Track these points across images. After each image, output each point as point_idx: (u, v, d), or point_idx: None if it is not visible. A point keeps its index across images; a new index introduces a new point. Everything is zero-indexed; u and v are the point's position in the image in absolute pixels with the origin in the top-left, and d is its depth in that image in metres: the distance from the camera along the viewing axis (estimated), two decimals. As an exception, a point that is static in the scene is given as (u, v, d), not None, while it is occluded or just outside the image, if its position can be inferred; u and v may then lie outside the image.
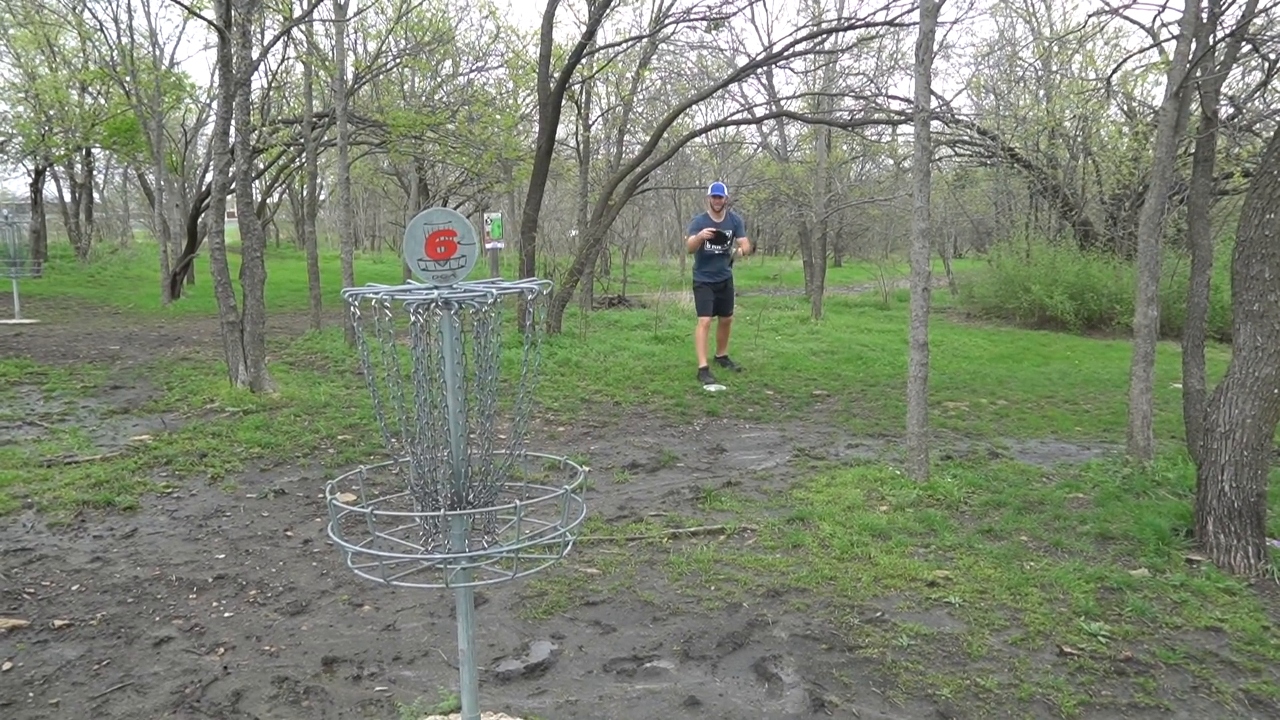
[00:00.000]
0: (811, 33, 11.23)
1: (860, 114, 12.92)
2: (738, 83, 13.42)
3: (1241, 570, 4.15)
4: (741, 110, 16.06)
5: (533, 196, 11.28)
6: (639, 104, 16.48)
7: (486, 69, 16.28)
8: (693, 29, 13.04)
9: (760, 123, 16.71)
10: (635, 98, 15.66)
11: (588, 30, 10.74)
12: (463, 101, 15.66)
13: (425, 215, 2.22)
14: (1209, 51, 5.38)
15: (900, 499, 5.14)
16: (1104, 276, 14.88)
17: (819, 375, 9.64)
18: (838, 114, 14.62)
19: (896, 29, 11.17)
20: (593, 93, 15.86)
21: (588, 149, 15.85)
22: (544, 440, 6.69)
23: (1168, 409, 7.62)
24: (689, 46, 15.18)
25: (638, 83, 15.00)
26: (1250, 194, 4.29)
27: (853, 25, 10.48)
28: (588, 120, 15.50)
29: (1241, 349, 4.29)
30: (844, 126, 13.12)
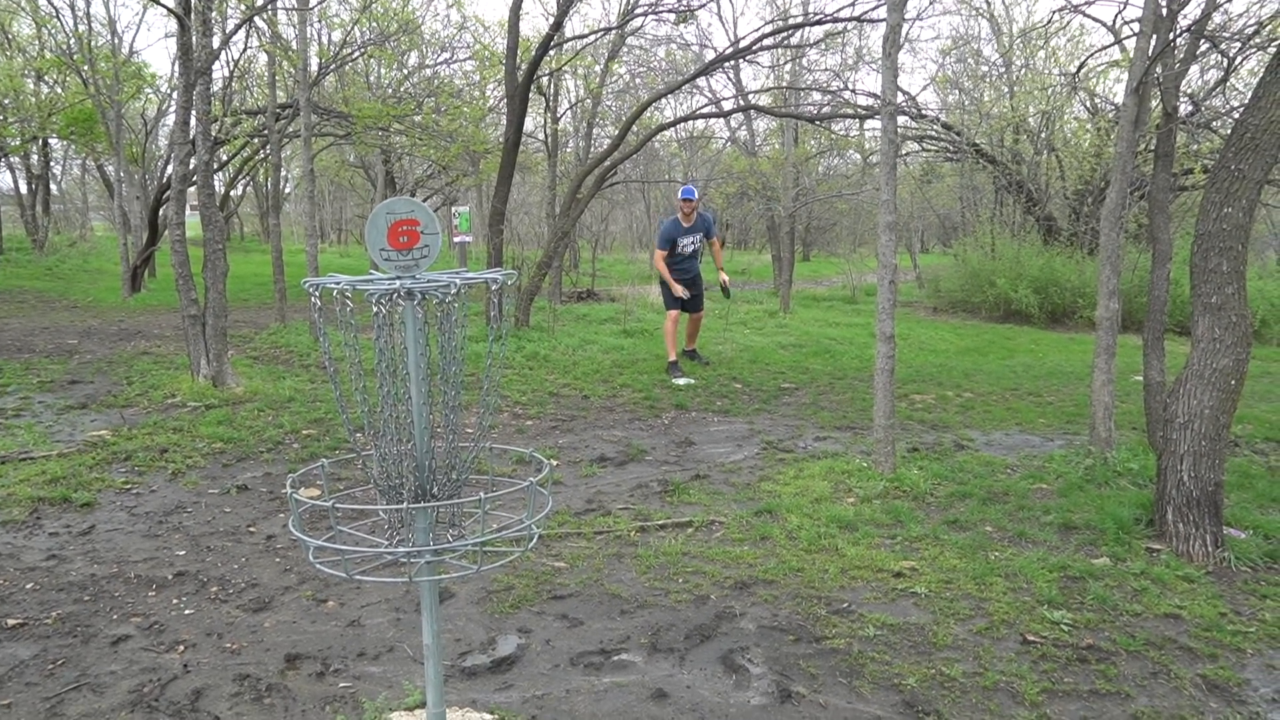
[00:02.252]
0: (778, 28, 11.25)
1: (827, 108, 12.98)
2: (706, 77, 13.41)
3: (1200, 558, 4.22)
4: (710, 104, 16.06)
5: (500, 190, 11.21)
6: (607, 97, 16.42)
7: (453, 60, 16.13)
8: (661, 22, 13.02)
9: (728, 117, 16.75)
10: (604, 91, 15.61)
11: (555, 22, 10.67)
12: (429, 93, 15.52)
13: (388, 204, 2.18)
14: (1168, 47, 5.45)
15: (867, 491, 5.17)
16: (1067, 271, 15.08)
17: (787, 369, 9.67)
18: (805, 108, 14.67)
19: (861, 25, 11.22)
20: (561, 86, 15.79)
21: (556, 142, 15.78)
22: (512, 434, 6.66)
23: (1129, 400, 7.73)
24: (657, 40, 15.16)
25: (606, 76, 14.94)
26: (1208, 189, 4.36)
27: (820, 20, 10.51)
28: (556, 113, 15.42)
29: (1200, 341, 4.35)
30: (811, 121, 13.18)
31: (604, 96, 15.95)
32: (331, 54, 13.40)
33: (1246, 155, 4.16)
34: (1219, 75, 9.99)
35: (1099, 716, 2.92)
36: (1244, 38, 6.90)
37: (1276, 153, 4.25)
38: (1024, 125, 17.48)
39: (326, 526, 4.48)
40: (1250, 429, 7.08)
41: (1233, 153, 4.22)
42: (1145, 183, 9.77)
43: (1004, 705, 2.97)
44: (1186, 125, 8.90)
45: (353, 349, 2.17)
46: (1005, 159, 17.97)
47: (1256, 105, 4.16)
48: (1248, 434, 6.93)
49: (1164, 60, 5.52)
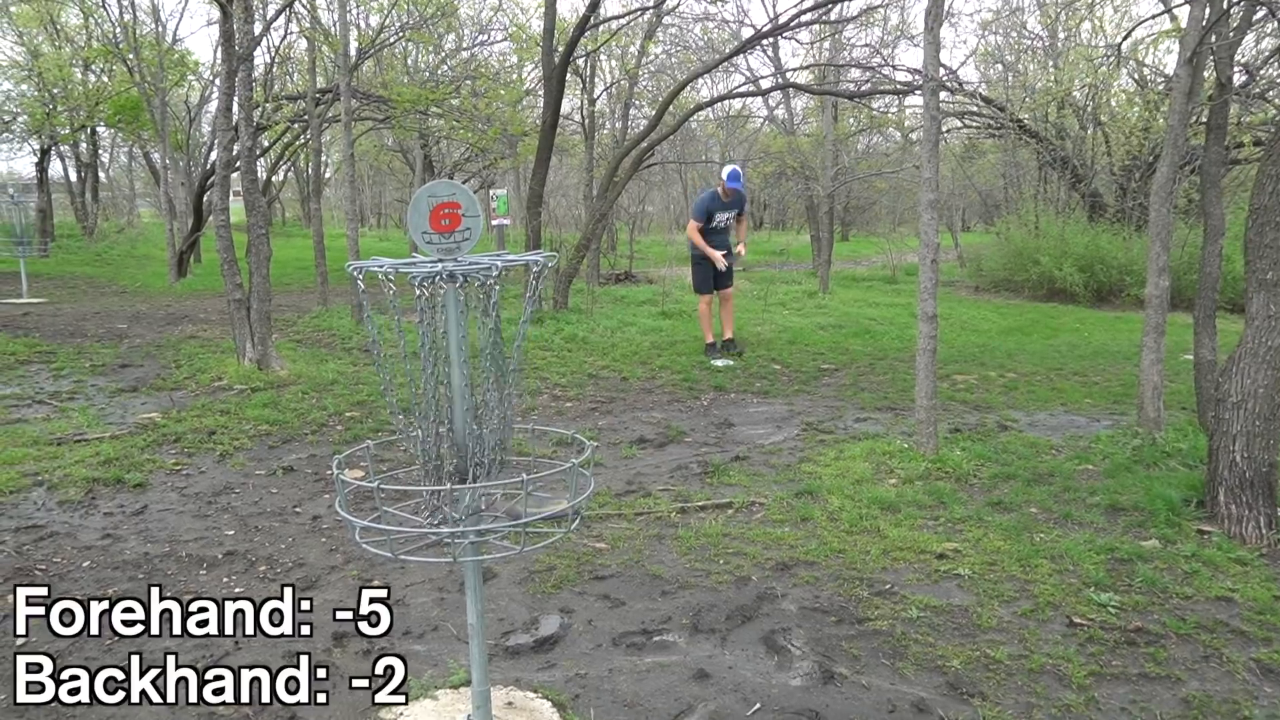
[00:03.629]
0: (817, 3, 11.09)
1: (867, 85, 12.80)
2: (743, 55, 13.28)
3: (1253, 540, 4.14)
4: (747, 83, 15.90)
5: (538, 172, 11.21)
6: (644, 78, 16.35)
7: (490, 43, 16.16)
8: (698, 1, 12.90)
9: (766, 95, 16.58)
10: (640, 71, 15.53)
11: (592, 3, 10.62)
12: (466, 76, 15.55)
13: (429, 188, 2.20)
14: (1223, 16, 5.29)
15: (909, 472, 5.13)
16: (1113, 248, 14.77)
17: (826, 349, 9.61)
18: (844, 85, 14.48)
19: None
20: (597, 67, 15.73)
21: (593, 124, 15.74)
22: (552, 415, 6.69)
23: (1178, 380, 7.58)
24: (694, 18, 15.06)
25: (642, 56, 14.87)
26: (1264, 161, 4.23)
27: (860, -5, 10.34)
28: (592, 95, 15.38)
29: (1254, 318, 4.24)
30: (851, 98, 13.01)
31: (640, 77, 15.87)
32: (370, 38, 13.48)
33: (1304, 126, 4.03)
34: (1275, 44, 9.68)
35: (1148, 700, 2.88)
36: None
37: (1336, 123, 4.11)
38: (1069, 99, 17.10)
39: (371, 507, 4.54)
40: (1305, 409, 6.90)
41: (1290, 124, 4.09)
42: (1196, 156, 9.52)
43: (1050, 688, 2.94)
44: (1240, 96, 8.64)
45: (396, 330, 2.18)
46: (1049, 134, 17.61)
47: (1315, 74, 4.02)
48: (1303, 414, 6.75)
49: (1218, 29, 5.36)
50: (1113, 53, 12.48)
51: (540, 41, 11.71)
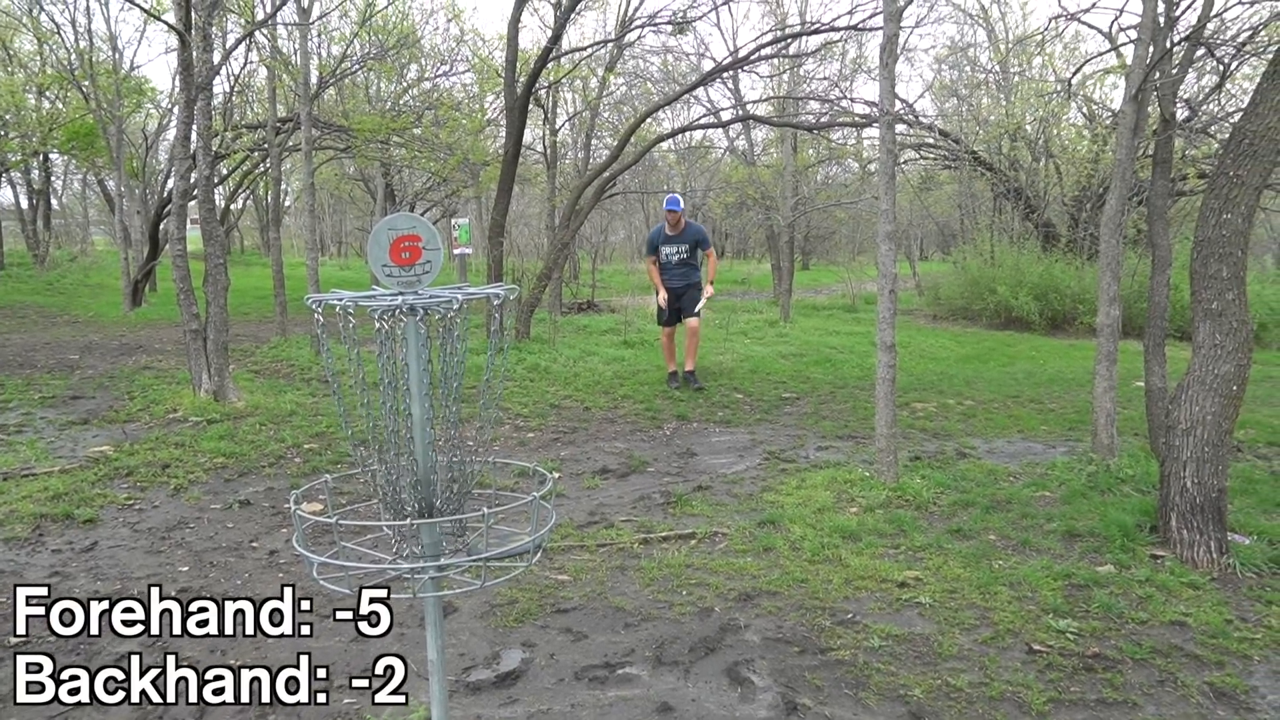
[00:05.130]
0: (776, 37, 11.28)
1: (825, 117, 13.01)
2: (704, 87, 13.45)
3: (1204, 565, 4.21)
4: (708, 114, 16.10)
5: (500, 202, 11.23)
6: (605, 108, 16.47)
7: (452, 73, 16.19)
8: (658, 33, 13.06)
9: (727, 127, 16.78)
10: (601, 102, 15.65)
11: (553, 35, 10.72)
12: (428, 105, 15.56)
13: (389, 220, 2.19)
14: (1166, 55, 5.47)
15: (870, 500, 5.16)
16: (1067, 277, 15.09)
17: (788, 378, 9.67)
18: (803, 117, 14.71)
19: (858, 33, 11.26)
20: (559, 97, 15.83)
21: (555, 154, 15.81)
22: (514, 446, 6.65)
23: (1130, 407, 7.73)
24: (654, 51, 15.22)
25: (603, 88, 14.99)
26: (1208, 195, 4.37)
27: (817, 30, 10.55)
28: (554, 125, 15.46)
29: (1201, 346, 4.35)
30: (810, 130, 13.21)
31: (602, 108, 16.00)
32: (331, 68, 13.45)
33: (1245, 161, 4.17)
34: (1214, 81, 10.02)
35: (1106, 726, 2.91)
36: (1238, 44, 6.92)
37: (1274, 159, 4.26)
38: (1021, 132, 17.52)
39: (330, 541, 4.47)
40: (1253, 434, 7.08)
41: (1231, 159, 4.23)
42: (1144, 189, 9.78)
43: (1010, 715, 2.96)
44: (1183, 131, 8.91)
45: (355, 363, 2.17)
46: (1003, 166, 18.00)
47: (1254, 112, 4.17)
48: (1250, 439, 6.93)
49: (1161, 67, 5.53)
50: (1062, 88, 12.82)
51: (502, 73, 11.77)
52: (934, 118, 18.45)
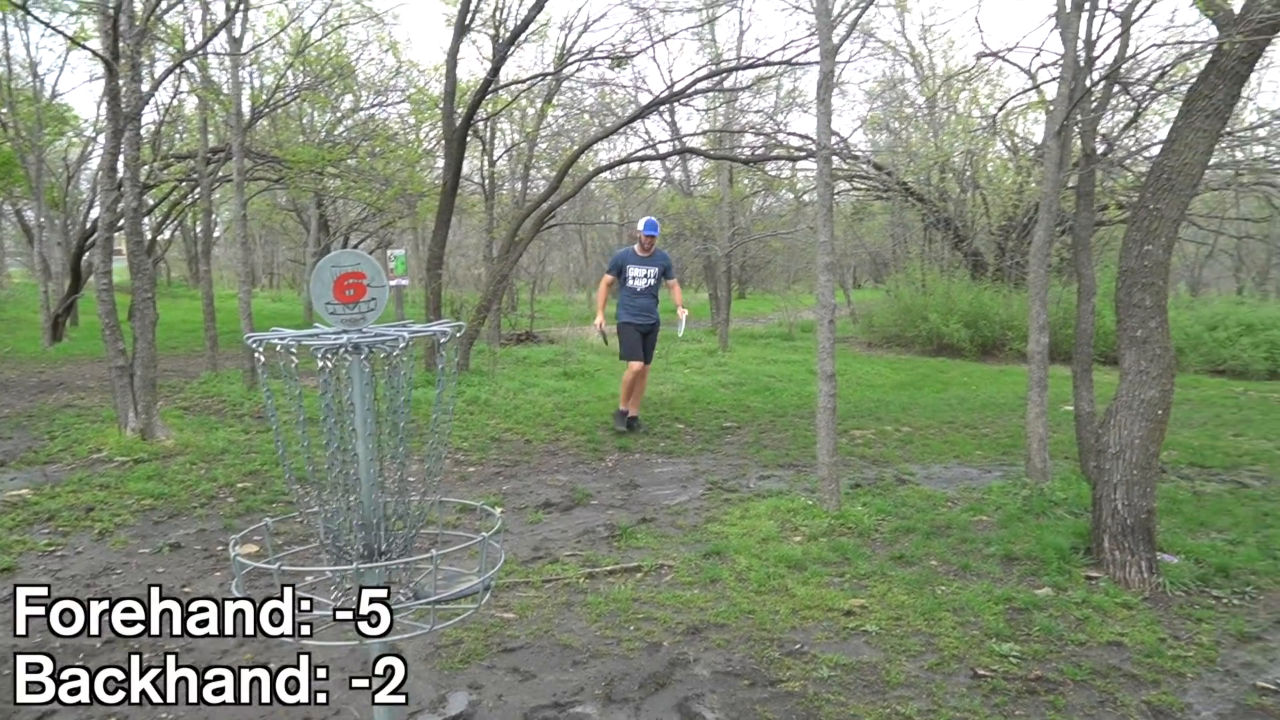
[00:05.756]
0: (712, 71, 11.46)
1: (761, 150, 13.23)
2: (641, 120, 13.59)
3: (1137, 585, 4.33)
4: (646, 147, 16.25)
5: (438, 233, 11.15)
6: (543, 140, 16.52)
7: (388, 104, 16.08)
8: (596, 66, 13.16)
9: (664, 159, 16.95)
10: (539, 134, 15.70)
11: (492, 68, 10.73)
12: (364, 137, 15.42)
13: (333, 258, 2.15)
14: (1087, 94, 5.69)
15: (813, 529, 5.20)
16: (995, 304, 15.52)
17: (728, 407, 9.73)
18: (739, 150, 14.93)
19: (792, 68, 11.50)
20: (497, 129, 15.84)
21: (493, 185, 15.79)
22: (454, 481, 6.56)
23: (1060, 430, 7.94)
24: (592, 84, 15.33)
25: (541, 119, 15.04)
26: (1130, 227, 4.53)
27: (753, 64, 10.75)
28: (493, 156, 15.45)
29: (1128, 373, 4.50)
30: (745, 163, 13.42)
31: (540, 139, 16.04)
32: (265, 98, 13.26)
33: (1164, 195, 4.35)
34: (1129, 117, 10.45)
35: (1051, 749, 2.95)
36: (1150, 83, 7.23)
37: (1190, 193, 4.45)
38: (949, 164, 18.03)
39: (267, 584, 4.34)
40: (1175, 455, 7.33)
41: (1151, 193, 4.40)
42: (1068, 220, 10.12)
43: (958, 742, 2.98)
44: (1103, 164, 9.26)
45: (294, 399, 2.12)
46: (932, 197, 18.49)
47: (1171, 149, 4.35)
48: (1173, 460, 7.17)
49: (1082, 105, 5.75)
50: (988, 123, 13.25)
51: (440, 104, 11.73)
52: (868, 152, 18.91)
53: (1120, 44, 5.66)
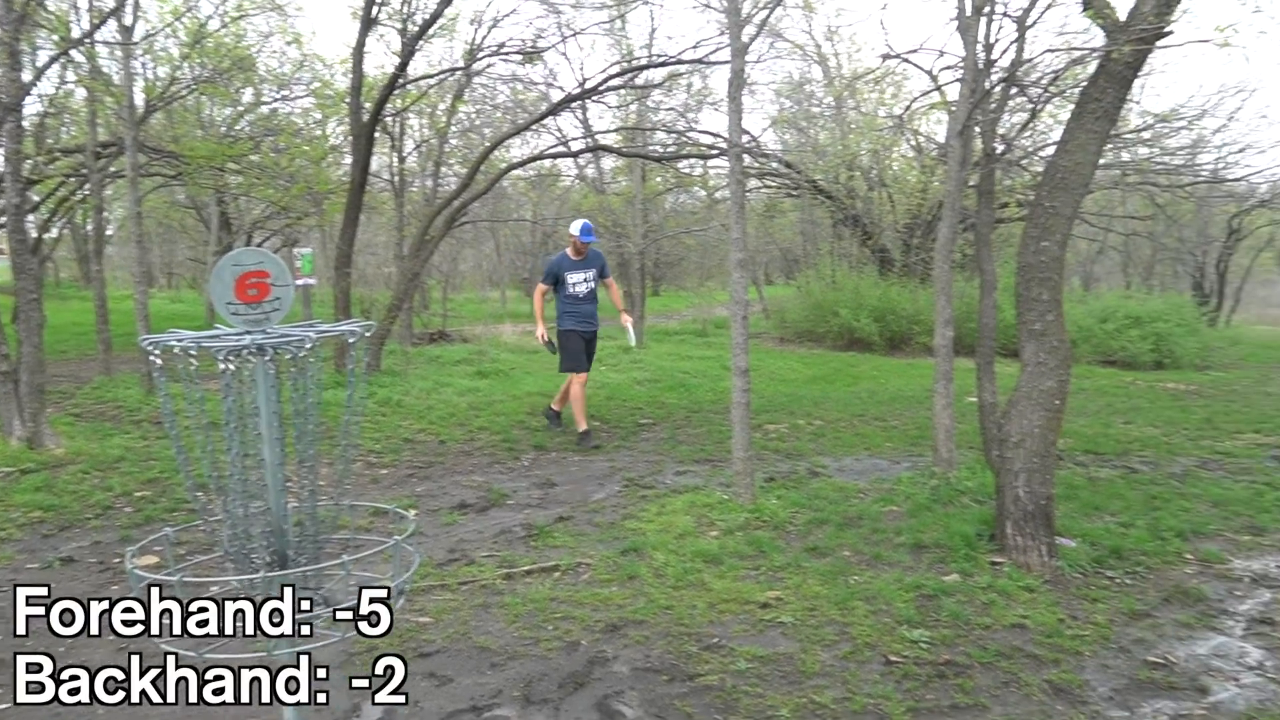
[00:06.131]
0: (624, 69, 11.47)
1: (673, 148, 13.30)
2: (553, 117, 13.52)
3: (1038, 568, 4.50)
4: (558, 144, 16.19)
5: (346, 231, 10.88)
6: (454, 136, 16.28)
7: (292, 98, 15.61)
8: (507, 62, 13.02)
9: (577, 156, 16.91)
10: (450, 130, 15.46)
11: (400, 62, 10.52)
12: (267, 132, 14.94)
13: (233, 256, 2.07)
14: (986, 95, 5.88)
15: (729, 523, 5.25)
16: (902, 300, 15.94)
17: (644, 404, 9.76)
18: (652, 148, 14.99)
19: (703, 67, 11.60)
20: (406, 125, 15.54)
21: (403, 182, 15.49)
22: (366, 484, 6.41)
23: (965, 421, 8.19)
24: (503, 80, 15.16)
25: (452, 115, 14.82)
26: (1028, 224, 4.71)
27: (664, 63, 10.79)
28: (402, 153, 15.16)
29: (1027, 364, 4.67)
30: (658, 160, 13.48)
31: (450, 135, 15.80)
32: (159, 90, 12.72)
33: (1059, 194, 4.53)
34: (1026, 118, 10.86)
35: (960, 731, 3.05)
36: (1044, 86, 7.52)
37: (1083, 191, 4.64)
38: (856, 163, 18.45)
39: (167, 596, 4.16)
40: (1071, 443, 7.65)
41: (1046, 191, 4.58)
42: (970, 217, 10.47)
43: (872, 728, 3.05)
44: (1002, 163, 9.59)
45: (196, 403, 2.03)
46: (841, 194, 18.89)
47: (1064, 150, 4.53)
48: (1069, 448, 7.48)
49: (983, 105, 5.94)
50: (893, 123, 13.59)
51: (346, 99, 11.45)
52: (778, 150, 19.20)
53: (1017, 48, 5.87)
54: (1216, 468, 6.96)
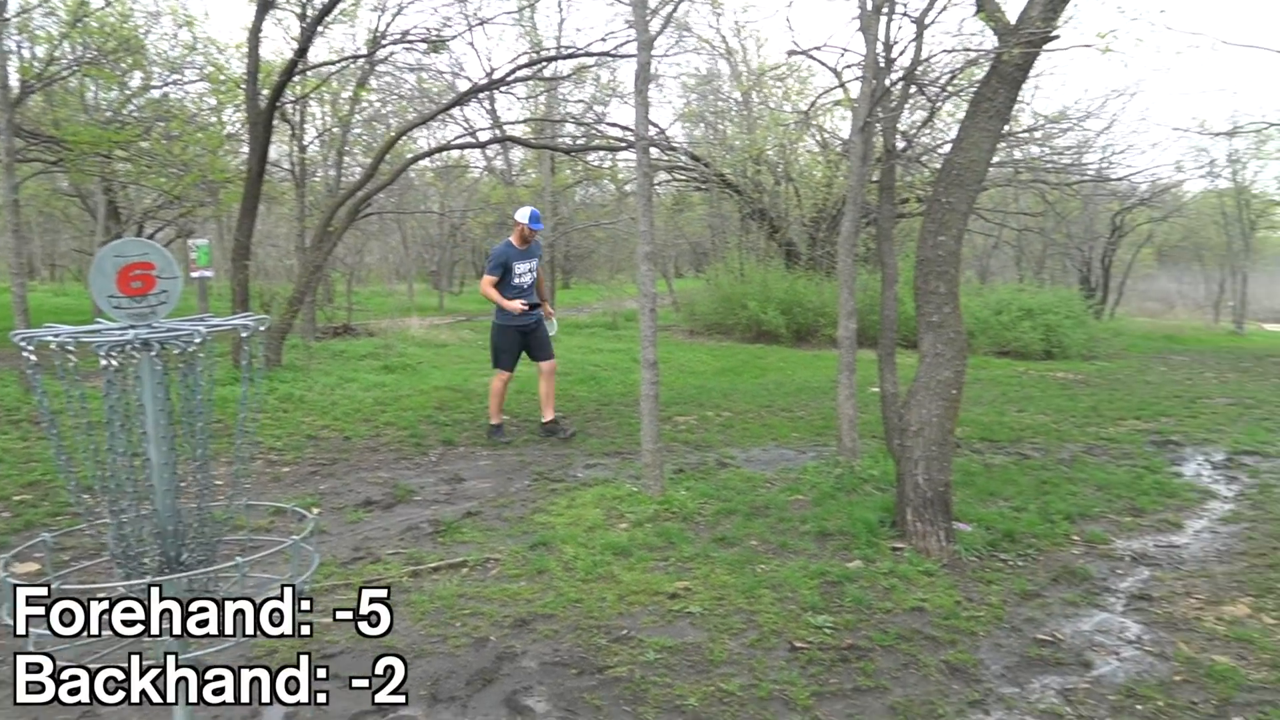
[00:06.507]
0: (532, 60, 11.38)
1: (582, 140, 13.27)
2: (460, 107, 13.32)
3: (936, 553, 4.65)
4: (465, 134, 15.96)
5: (244, 222, 10.52)
6: (357, 126, 15.90)
7: (185, 83, 14.98)
8: (412, 51, 12.76)
9: (484, 147, 16.72)
10: (353, 119, 15.09)
11: (299, 48, 10.20)
12: (158, 117, 14.30)
13: (115, 247, 1.98)
14: (886, 92, 6.03)
15: (639, 515, 5.28)
16: (809, 292, 16.25)
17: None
18: (561, 139, 14.92)
19: (611, 60, 11.59)
20: (308, 113, 15.10)
21: (304, 171, 15.06)
22: (267, 483, 6.22)
23: (869, 411, 8.41)
24: (408, 68, 14.86)
25: (355, 104, 14.46)
26: (925, 219, 4.85)
27: (572, 54, 10.74)
28: (303, 141, 14.73)
29: (926, 355, 4.82)
30: (567, 152, 13.42)
31: (354, 125, 15.43)
32: (37, 71, 12.05)
33: (955, 190, 4.67)
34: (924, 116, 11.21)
35: (862, 712, 3.13)
36: (942, 85, 7.76)
37: (977, 187, 4.80)
38: (763, 157, 18.71)
39: (50, 604, 3.96)
40: (968, 431, 7.93)
41: (943, 188, 4.72)
42: (872, 212, 10.73)
43: (779, 713, 3.11)
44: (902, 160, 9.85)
45: (78, 402, 1.93)
46: (748, 189, 19.14)
47: (960, 147, 4.68)
48: (966, 436, 7.75)
49: (883, 103, 6.09)
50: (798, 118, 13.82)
51: (243, 84, 11.06)
52: (687, 144, 19.33)
53: (915, 47, 6.03)
54: (1101, 453, 7.31)
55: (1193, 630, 3.85)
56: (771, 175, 19.47)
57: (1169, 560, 4.77)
